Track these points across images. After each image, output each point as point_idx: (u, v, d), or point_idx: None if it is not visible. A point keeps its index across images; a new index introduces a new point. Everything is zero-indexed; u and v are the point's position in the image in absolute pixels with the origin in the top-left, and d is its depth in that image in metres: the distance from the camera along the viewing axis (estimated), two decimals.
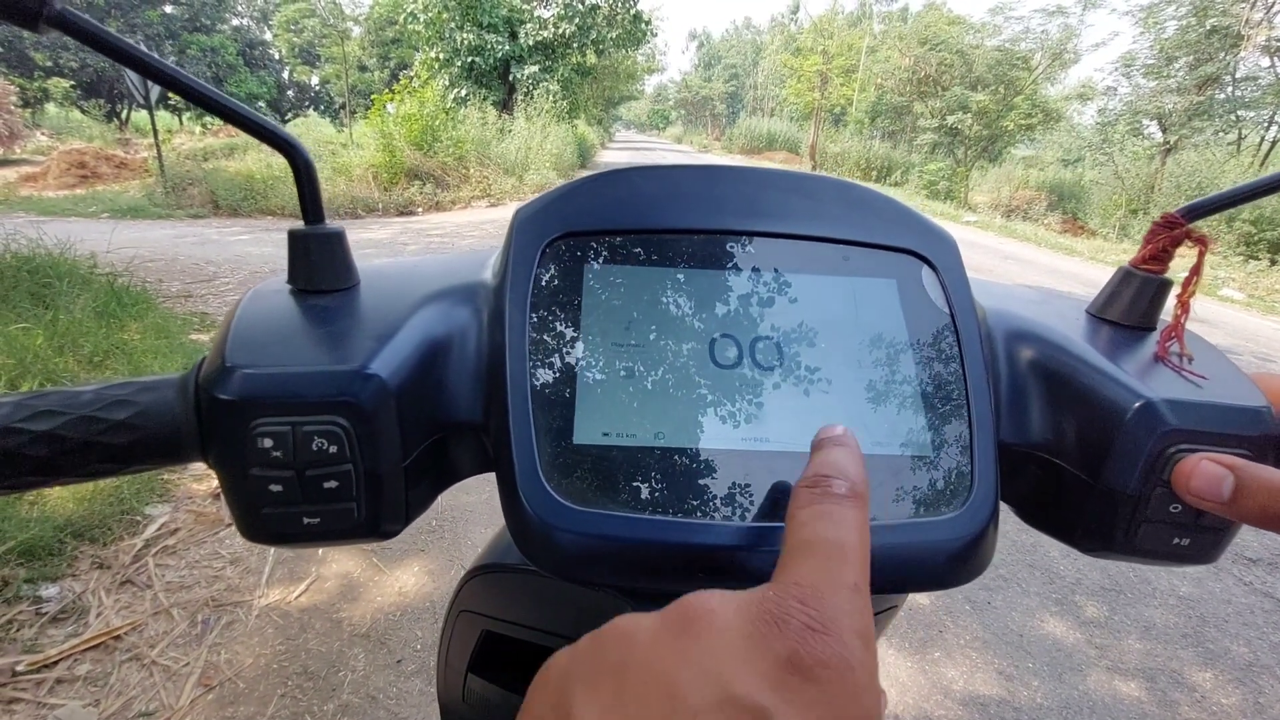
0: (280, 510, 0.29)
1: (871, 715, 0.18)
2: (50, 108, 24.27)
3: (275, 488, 0.29)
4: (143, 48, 0.29)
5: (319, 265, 0.35)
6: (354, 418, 0.29)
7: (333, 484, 0.29)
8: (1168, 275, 0.38)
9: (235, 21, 32.08)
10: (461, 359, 0.34)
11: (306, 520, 0.30)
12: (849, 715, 0.17)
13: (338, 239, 0.35)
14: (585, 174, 0.37)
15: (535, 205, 0.35)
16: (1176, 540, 0.32)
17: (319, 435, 0.28)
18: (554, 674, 0.20)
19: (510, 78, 16.96)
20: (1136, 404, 0.31)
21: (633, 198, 0.35)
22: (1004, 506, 0.35)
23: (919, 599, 2.01)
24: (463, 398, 0.33)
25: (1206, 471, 0.29)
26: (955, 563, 0.30)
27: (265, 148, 0.34)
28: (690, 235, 0.35)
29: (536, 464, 0.29)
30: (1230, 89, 15.13)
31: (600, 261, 0.34)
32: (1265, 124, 15.35)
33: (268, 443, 0.28)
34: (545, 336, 0.32)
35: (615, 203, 0.35)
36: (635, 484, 0.30)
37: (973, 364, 0.34)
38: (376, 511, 0.31)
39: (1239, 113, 15.17)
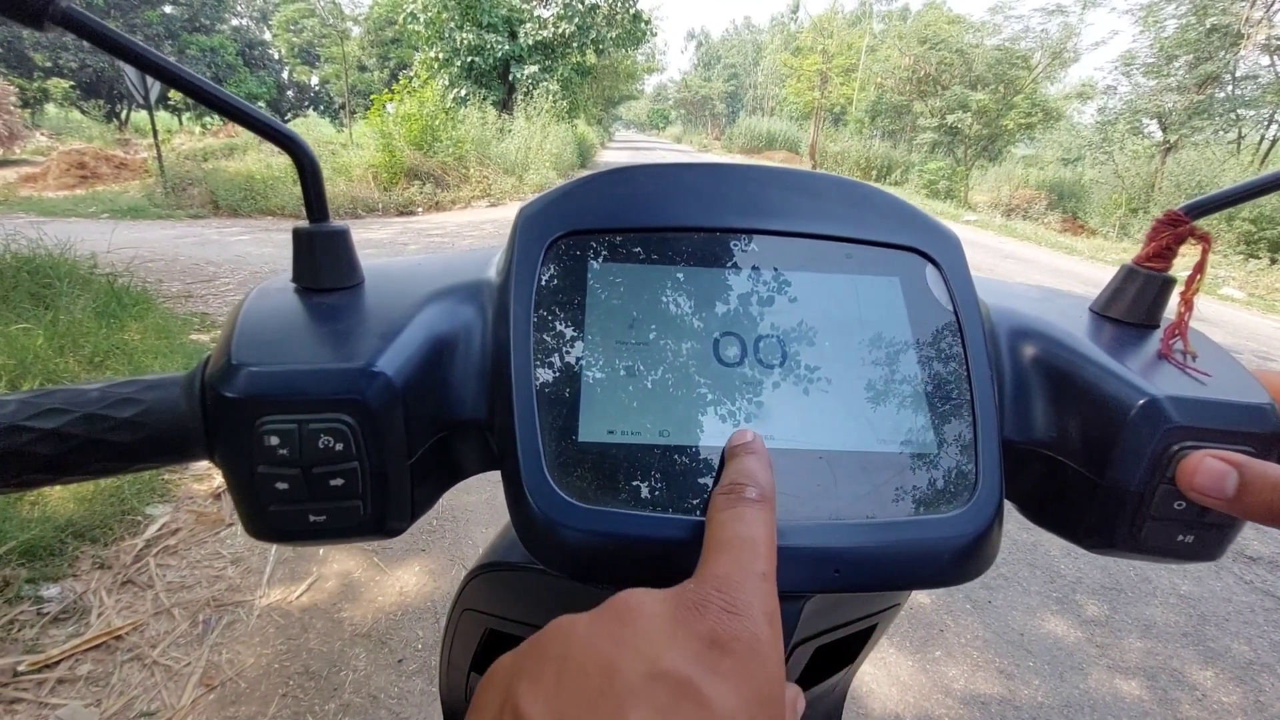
0: (286, 508, 0.29)
1: (776, 680, 0.21)
2: (50, 108, 24.26)
3: (281, 485, 0.29)
4: (148, 46, 0.29)
5: (324, 263, 0.35)
6: (360, 415, 0.29)
7: (339, 482, 0.29)
8: (1171, 273, 0.38)
9: (235, 21, 32.07)
10: (466, 357, 0.34)
11: (312, 518, 0.30)
12: (759, 679, 0.20)
13: (342, 237, 0.35)
14: (585, 173, 0.37)
15: (539, 203, 0.35)
16: (1181, 537, 0.32)
17: (325, 433, 0.28)
18: (499, 673, 0.22)
19: (510, 77, 16.95)
20: (1140, 401, 0.31)
21: (636, 196, 0.35)
22: (1008, 504, 0.35)
23: (920, 598, 2.01)
24: (468, 395, 0.33)
25: (1211, 468, 0.29)
26: (960, 560, 0.30)
27: (265, 148, 0.34)
28: (694, 233, 0.35)
29: (541, 461, 0.29)
30: (1230, 87, 15.10)
31: (604, 260, 0.34)
32: (1265, 122, 15.33)
33: (274, 440, 0.28)
34: (549, 334, 0.32)
35: (619, 201, 0.35)
36: (640, 481, 0.30)
37: (977, 361, 0.34)
38: (382, 509, 0.31)
39: (1239, 111, 15.14)
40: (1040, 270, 8.58)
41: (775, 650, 0.21)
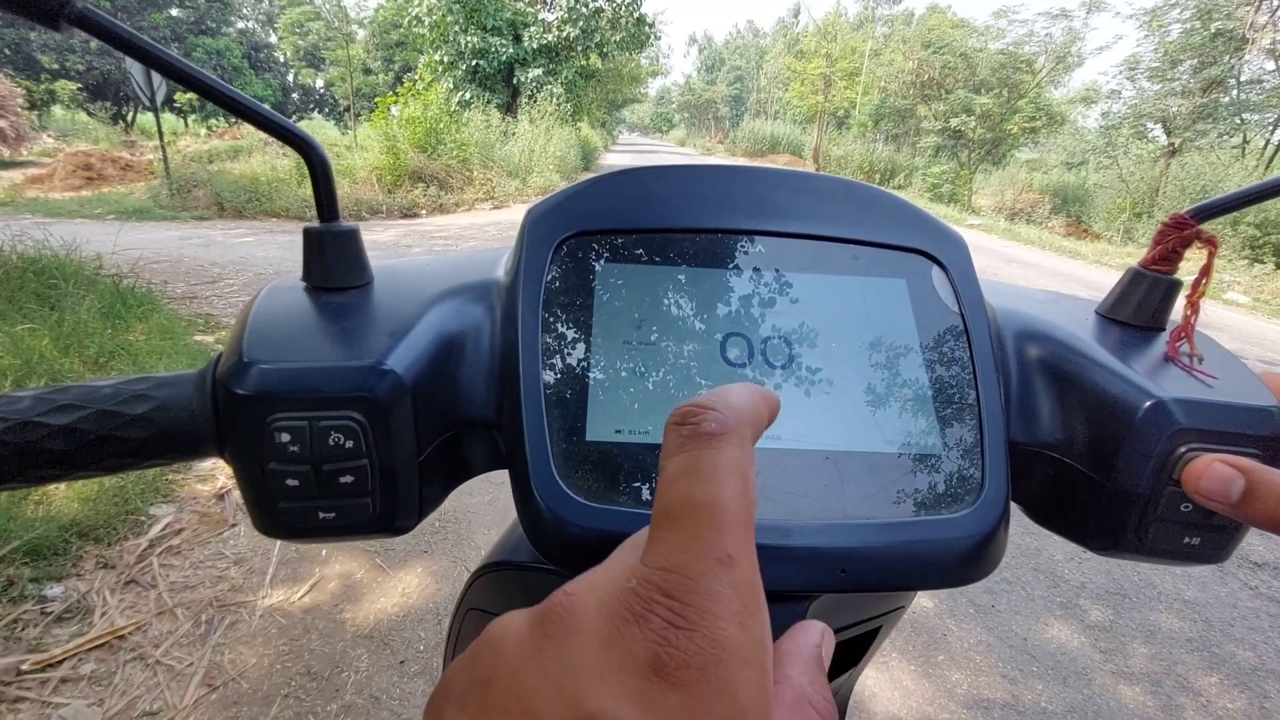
0: (296, 505, 0.30)
1: (754, 708, 0.15)
2: (57, 110, 24.42)
3: (292, 482, 0.29)
4: (162, 47, 0.30)
5: (333, 262, 0.35)
6: (370, 413, 0.29)
7: (348, 479, 0.29)
8: (1176, 276, 0.38)
9: (241, 24, 32.27)
10: (475, 356, 0.34)
11: (322, 515, 0.30)
12: (721, 714, 0.14)
13: (352, 237, 0.36)
14: (590, 176, 0.37)
15: (547, 204, 0.35)
16: (1187, 539, 0.32)
17: (335, 430, 0.29)
18: (438, 692, 0.18)
19: (514, 81, 17.01)
20: (1147, 403, 0.31)
21: (644, 197, 0.35)
22: (1014, 506, 0.35)
23: (922, 603, 2.01)
24: (476, 394, 0.33)
25: (1217, 473, 0.29)
26: (966, 561, 0.30)
27: (270, 150, 0.34)
28: (700, 234, 0.35)
29: (549, 460, 0.30)
30: (1235, 92, 15.09)
31: (612, 260, 0.34)
32: (1270, 127, 15.29)
33: (285, 437, 0.28)
34: (557, 334, 0.32)
35: (627, 202, 0.35)
36: (646, 480, 0.30)
37: (983, 363, 0.34)
38: (391, 507, 0.31)
39: (1243, 115, 15.12)
40: (1044, 274, 8.57)
41: (746, 669, 0.15)
